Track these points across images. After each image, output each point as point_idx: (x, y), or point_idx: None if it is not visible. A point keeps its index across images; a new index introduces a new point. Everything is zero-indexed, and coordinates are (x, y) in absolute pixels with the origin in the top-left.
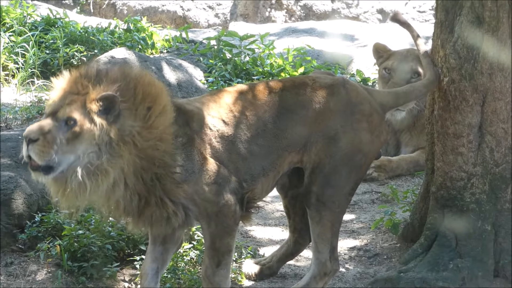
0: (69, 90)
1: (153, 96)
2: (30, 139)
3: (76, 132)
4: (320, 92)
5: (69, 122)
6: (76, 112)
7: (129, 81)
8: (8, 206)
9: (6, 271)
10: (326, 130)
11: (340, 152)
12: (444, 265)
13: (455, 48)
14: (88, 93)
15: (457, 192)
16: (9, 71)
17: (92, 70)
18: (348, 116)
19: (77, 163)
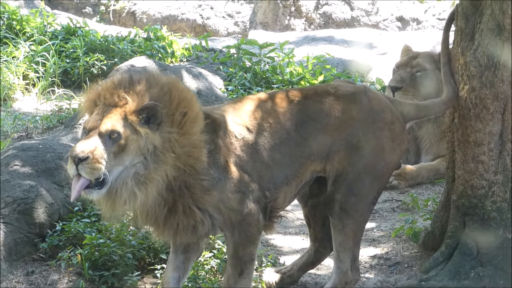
0: (106, 102)
1: (188, 102)
2: (79, 159)
3: (122, 144)
4: (342, 100)
5: (113, 136)
6: (119, 124)
7: (163, 87)
8: (29, 215)
9: (27, 280)
10: (349, 138)
11: (363, 160)
12: (466, 273)
13: (475, 55)
14: (127, 104)
15: (478, 200)
16: (29, 80)
17: (125, 79)
18: (370, 124)
19: (125, 174)
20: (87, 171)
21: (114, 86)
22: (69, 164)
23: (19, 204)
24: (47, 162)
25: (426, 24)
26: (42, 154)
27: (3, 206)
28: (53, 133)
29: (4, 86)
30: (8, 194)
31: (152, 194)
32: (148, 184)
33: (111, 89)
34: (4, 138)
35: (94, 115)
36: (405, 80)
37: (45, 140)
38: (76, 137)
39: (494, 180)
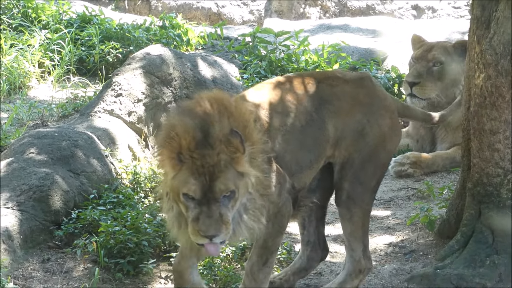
0: (198, 163)
1: (240, 110)
2: (215, 235)
3: (237, 198)
4: (351, 84)
5: (227, 194)
6: (229, 182)
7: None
8: (44, 202)
9: (43, 268)
10: (356, 124)
11: (367, 147)
12: (481, 261)
13: (491, 44)
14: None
15: (493, 188)
16: (45, 68)
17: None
18: (375, 110)
19: (238, 214)
20: (221, 239)
21: (197, 144)
22: (201, 239)
23: (34, 191)
24: (63, 150)
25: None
26: (57, 142)
27: (18, 193)
28: (68, 121)
29: (19, 74)
30: (24, 182)
31: (263, 219)
32: (259, 213)
33: (199, 149)
34: (20, 126)
35: (195, 180)
36: (422, 74)
37: (60, 128)
38: (91, 124)
39: (509, 168)
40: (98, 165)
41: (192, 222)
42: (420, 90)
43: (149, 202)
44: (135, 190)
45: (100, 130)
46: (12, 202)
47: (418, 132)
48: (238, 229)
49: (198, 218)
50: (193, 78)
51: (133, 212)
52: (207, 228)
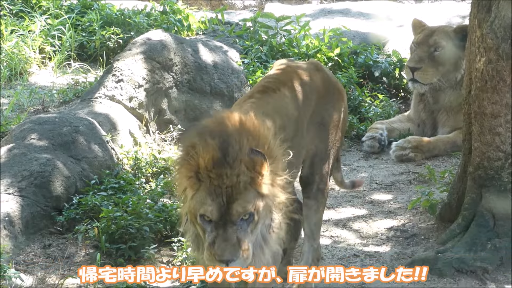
0: (215, 183)
1: (264, 132)
2: (230, 260)
3: (256, 221)
4: (312, 77)
5: (245, 217)
6: (248, 204)
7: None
8: (46, 188)
9: (44, 253)
10: (318, 116)
11: (329, 135)
12: (482, 245)
13: (492, 28)
14: (240, 175)
15: (494, 172)
16: (45, 54)
17: (217, 152)
18: (331, 95)
19: (260, 236)
20: (241, 264)
21: (216, 163)
22: (217, 264)
23: (35, 177)
24: (64, 135)
25: None
26: (58, 128)
27: (20, 179)
28: (69, 107)
29: (20, 60)
30: (25, 168)
31: (283, 233)
32: (280, 230)
33: (217, 168)
34: (21, 111)
35: (213, 201)
36: (424, 59)
37: (61, 113)
38: (92, 110)
39: (510, 152)
40: (99, 150)
41: (208, 246)
42: (421, 75)
43: (150, 188)
44: (136, 175)
45: (101, 116)
46: (13, 188)
47: (419, 117)
48: (261, 255)
49: (214, 242)
50: (194, 63)
51: (134, 197)
52: (222, 253)
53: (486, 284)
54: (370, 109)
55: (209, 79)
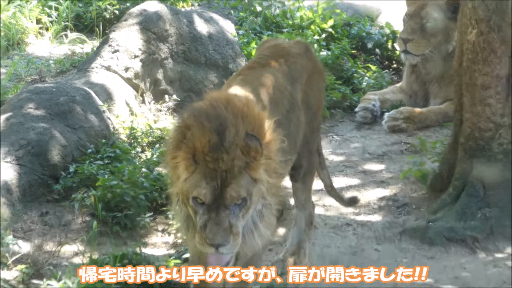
0: (211, 166)
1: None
2: (221, 244)
3: (248, 206)
4: (302, 55)
5: (238, 202)
6: (241, 189)
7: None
8: (43, 157)
9: (42, 221)
10: (305, 95)
11: (313, 117)
12: (472, 214)
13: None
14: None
15: (485, 142)
16: (42, 24)
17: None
18: (316, 76)
19: (251, 222)
20: (230, 249)
21: (212, 147)
22: (207, 247)
23: (33, 146)
24: (61, 105)
25: None
26: (55, 97)
27: (17, 148)
28: (66, 77)
29: (17, 30)
30: (22, 137)
31: (275, 221)
32: (273, 217)
33: (213, 152)
34: (18, 81)
35: (207, 184)
36: (416, 31)
37: (58, 83)
38: (88, 80)
39: (501, 123)
40: (95, 120)
41: (199, 229)
42: (414, 46)
43: (146, 157)
44: (132, 145)
45: (97, 86)
46: (11, 156)
47: (412, 88)
48: (251, 240)
49: (206, 225)
50: (189, 34)
51: (130, 166)
52: (213, 236)
53: (476, 253)
54: (363, 80)
55: (204, 50)
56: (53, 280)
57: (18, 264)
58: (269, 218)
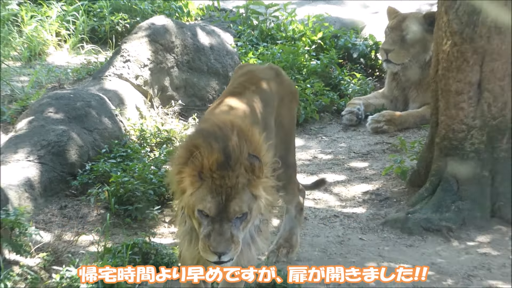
0: (217, 183)
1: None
2: (224, 253)
3: (248, 220)
4: (272, 80)
5: (239, 216)
6: (244, 204)
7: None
8: (62, 156)
9: (61, 213)
10: (278, 115)
11: (287, 135)
12: (447, 207)
13: (457, 14)
14: (239, 178)
15: (458, 142)
16: (61, 37)
17: (221, 156)
18: (288, 98)
19: (249, 235)
20: (231, 256)
21: (219, 165)
22: (210, 255)
23: (53, 146)
24: (78, 109)
25: None
26: (73, 103)
27: (39, 148)
28: (82, 84)
29: (39, 42)
30: (43, 138)
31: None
32: (267, 231)
33: (220, 170)
34: (39, 88)
35: (212, 199)
36: (397, 42)
37: (75, 90)
38: (102, 87)
39: (472, 125)
40: (109, 123)
41: (203, 238)
42: (394, 56)
43: (154, 156)
44: (141, 145)
45: (110, 92)
46: (33, 155)
47: (393, 93)
48: (248, 252)
49: (210, 235)
50: (193, 45)
51: (140, 164)
52: (217, 245)
53: (450, 241)
54: (349, 87)
55: (206, 60)
56: (71, 267)
57: (40, 252)
58: (266, 233)
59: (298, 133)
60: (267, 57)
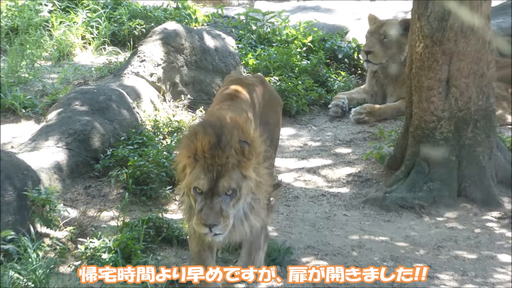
0: (209, 162)
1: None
2: (213, 225)
3: (238, 197)
4: (258, 86)
5: (229, 192)
6: (232, 181)
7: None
8: (86, 143)
9: (85, 192)
10: (264, 116)
11: (272, 131)
12: (419, 187)
13: (428, 20)
14: (229, 158)
15: (429, 131)
16: (86, 40)
17: (214, 139)
18: (272, 102)
19: (241, 211)
20: (221, 229)
21: (211, 146)
22: (202, 227)
23: (79, 134)
24: (100, 102)
25: None
26: (96, 97)
27: (66, 136)
28: (104, 80)
29: (67, 44)
30: (71, 127)
31: (263, 212)
32: (262, 211)
33: (211, 150)
34: (67, 84)
35: (205, 176)
36: (375, 45)
37: (98, 85)
38: (122, 83)
39: (442, 116)
40: (127, 114)
41: (197, 213)
42: (373, 57)
43: (166, 143)
44: (155, 133)
45: (128, 88)
46: (62, 142)
47: (372, 89)
48: (240, 227)
49: (202, 209)
50: (200, 47)
51: (154, 150)
52: (207, 218)
53: (422, 217)
54: (335, 83)
55: (211, 60)
56: (94, 239)
57: (67, 226)
58: (258, 210)
59: (291, 123)
60: (264, 58)
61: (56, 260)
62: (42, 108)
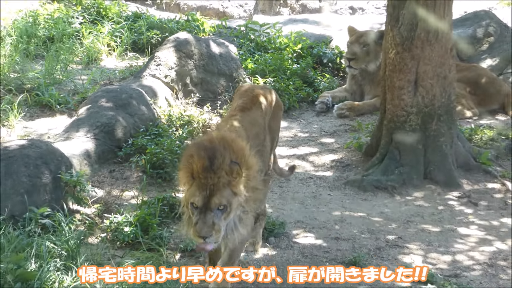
0: (204, 181)
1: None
2: (205, 237)
3: (229, 211)
4: (267, 96)
5: (221, 208)
6: (223, 198)
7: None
8: (111, 134)
9: (110, 176)
10: (270, 123)
11: (273, 136)
12: (391, 171)
13: (399, 31)
14: (221, 178)
15: (400, 124)
16: (111, 47)
17: (207, 163)
18: (276, 109)
19: (232, 223)
20: (214, 242)
21: (204, 168)
22: (197, 238)
23: (104, 126)
24: (123, 99)
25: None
26: (119, 95)
27: (94, 128)
28: (126, 81)
29: (94, 51)
30: (98, 120)
31: (252, 221)
32: (248, 218)
33: (205, 172)
34: (95, 84)
35: (199, 194)
36: (356, 52)
37: (121, 85)
38: (141, 84)
39: (411, 111)
40: (145, 109)
41: (193, 225)
42: (354, 63)
43: (179, 134)
44: (169, 126)
45: (146, 87)
46: (90, 133)
47: (352, 88)
48: (231, 236)
49: (197, 223)
50: (207, 53)
51: (168, 140)
52: (200, 230)
53: (394, 196)
54: (321, 84)
55: (216, 64)
56: (118, 214)
57: (95, 204)
58: (246, 221)
59: (283, 118)
60: (261, 62)
61: (85, 233)
62: (73, 105)
